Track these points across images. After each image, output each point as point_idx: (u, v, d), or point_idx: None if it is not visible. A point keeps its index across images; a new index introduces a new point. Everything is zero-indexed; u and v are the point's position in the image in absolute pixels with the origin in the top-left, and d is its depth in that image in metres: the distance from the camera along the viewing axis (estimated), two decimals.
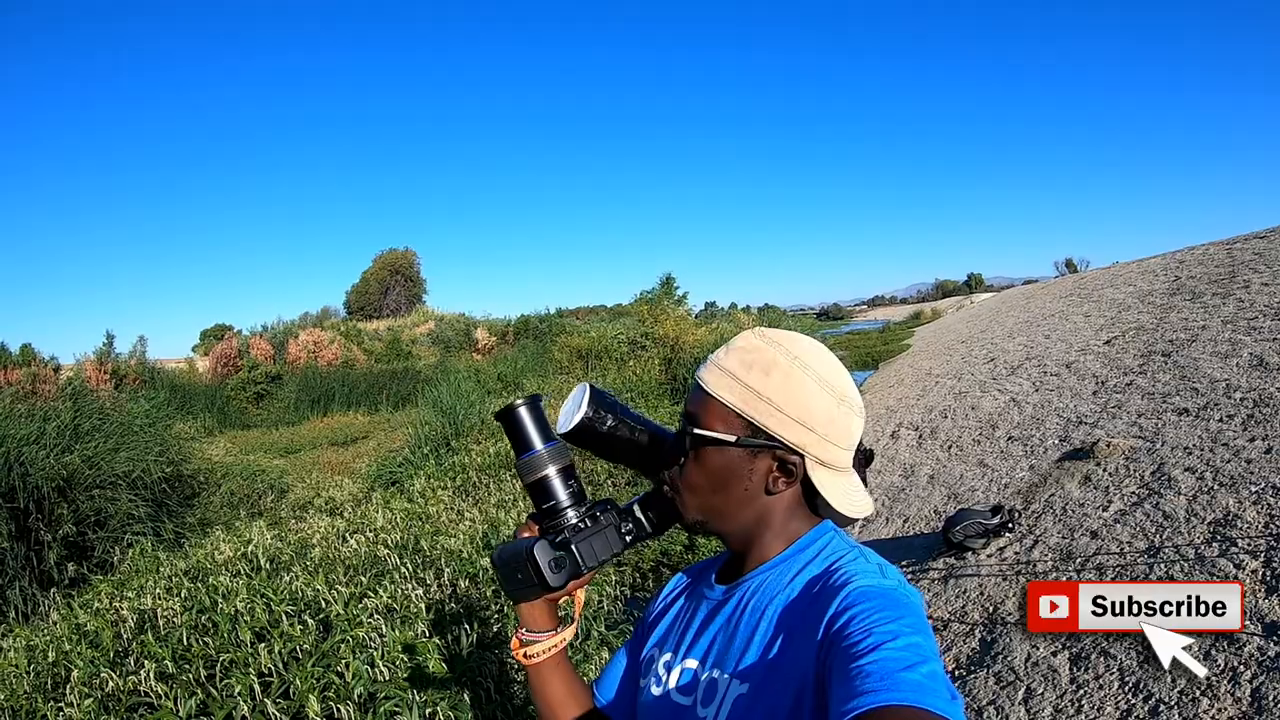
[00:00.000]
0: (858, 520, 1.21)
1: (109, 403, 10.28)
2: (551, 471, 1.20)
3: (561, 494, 1.20)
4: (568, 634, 1.26)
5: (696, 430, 1.12)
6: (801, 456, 1.11)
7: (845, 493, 1.15)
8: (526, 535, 1.21)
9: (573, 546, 1.16)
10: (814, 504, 1.18)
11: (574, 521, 1.19)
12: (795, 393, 1.10)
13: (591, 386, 1.25)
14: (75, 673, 3.58)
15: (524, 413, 1.21)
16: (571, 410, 1.24)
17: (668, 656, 1.20)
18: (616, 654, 1.37)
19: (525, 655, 1.24)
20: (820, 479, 1.12)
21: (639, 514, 1.27)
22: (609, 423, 1.24)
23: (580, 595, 1.26)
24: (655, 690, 1.18)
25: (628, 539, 1.23)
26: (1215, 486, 4.39)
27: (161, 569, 5.31)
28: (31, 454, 6.73)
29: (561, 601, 1.26)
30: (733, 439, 1.10)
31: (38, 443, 7.01)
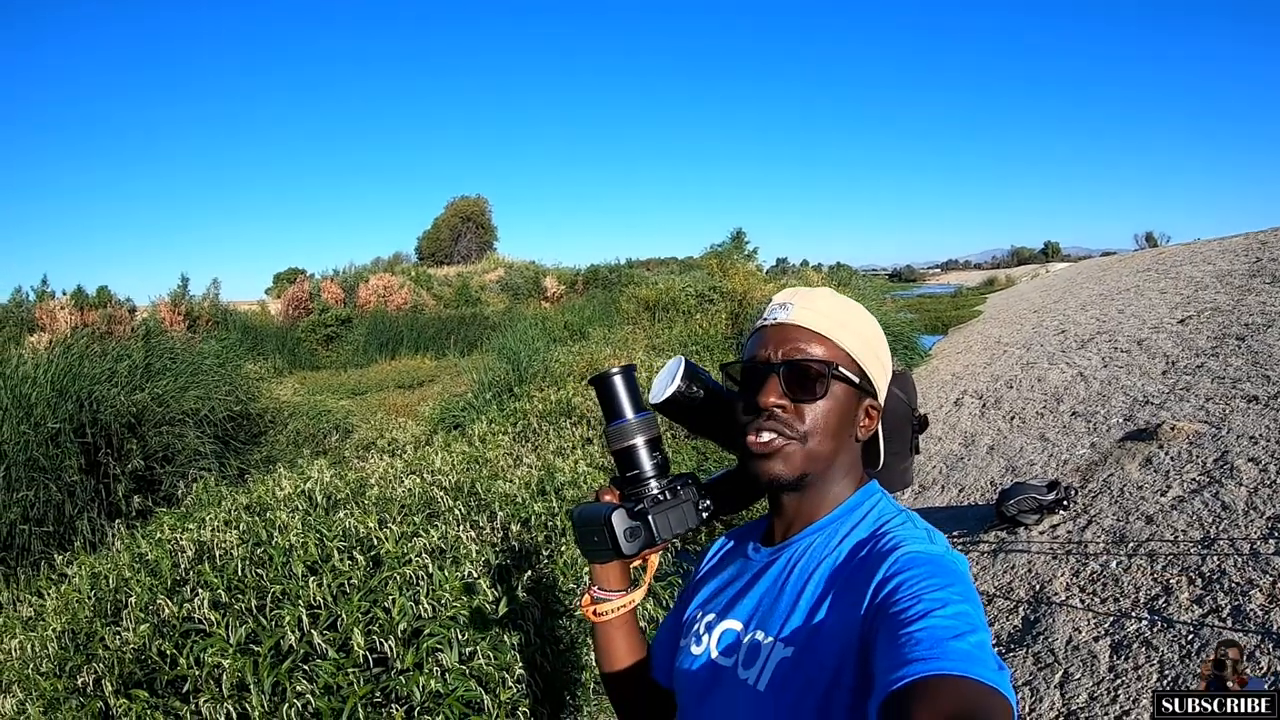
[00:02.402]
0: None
1: (181, 343, 10.54)
2: (639, 441, 1.21)
3: (646, 464, 1.22)
4: (637, 595, 1.29)
5: (840, 369, 1.10)
6: (879, 405, 1.15)
7: None
8: (608, 499, 1.22)
9: (649, 517, 1.18)
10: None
11: (655, 493, 1.20)
12: (882, 344, 1.15)
13: (687, 360, 1.25)
14: (133, 599, 3.71)
15: (618, 381, 1.22)
16: (665, 381, 1.25)
17: (710, 617, 1.19)
18: (668, 616, 1.38)
19: (595, 613, 1.28)
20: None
21: (720, 490, 1.28)
22: (702, 397, 1.24)
23: (653, 560, 1.27)
24: (695, 650, 1.17)
25: (704, 515, 1.23)
26: (1278, 481, 4.23)
27: (223, 503, 5.45)
28: (103, 391, 6.96)
29: (635, 564, 1.28)
30: (858, 380, 1.11)
31: (110, 380, 7.25)
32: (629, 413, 1.21)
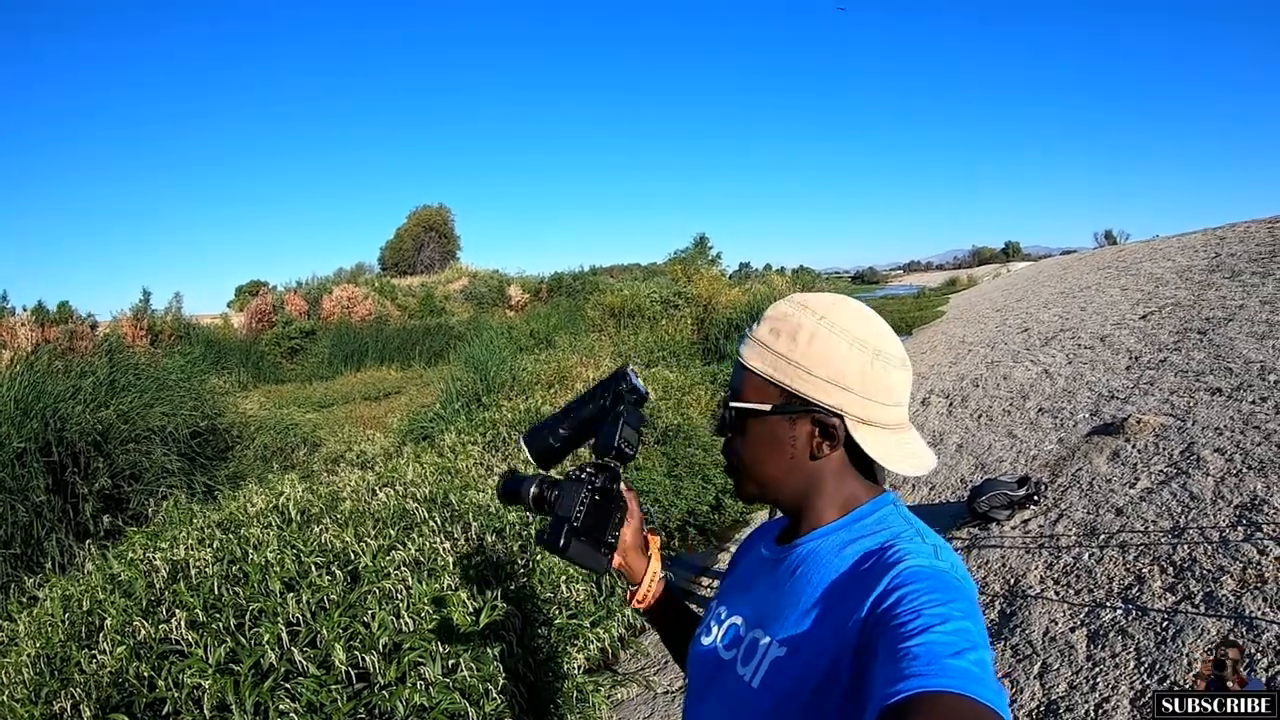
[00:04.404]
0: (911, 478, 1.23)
1: (144, 358, 10.39)
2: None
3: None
4: (650, 574, 1.40)
5: (732, 404, 1.13)
6: (840, 418, 1.09)
7: (893, 449, 1.12)
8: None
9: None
10: (870, 467, 1.17)
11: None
12: (824, 353, 1.08)
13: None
14: (108, 621, 3.65)
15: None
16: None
17: (721, 609, 1.23)
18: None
19: (637, 601, 1.41)
20: (864, 438, 1.10)
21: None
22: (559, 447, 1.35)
23: (654, 541, 1.42)
24: (705, 640, 1.22)
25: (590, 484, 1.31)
26: (1244, 470, 4.32)
27: (195, 521, 5.38)
28: (68, 409, 6.84)
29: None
30: (768, 408, 1.10)
31: (74, 398, 7.11)
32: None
